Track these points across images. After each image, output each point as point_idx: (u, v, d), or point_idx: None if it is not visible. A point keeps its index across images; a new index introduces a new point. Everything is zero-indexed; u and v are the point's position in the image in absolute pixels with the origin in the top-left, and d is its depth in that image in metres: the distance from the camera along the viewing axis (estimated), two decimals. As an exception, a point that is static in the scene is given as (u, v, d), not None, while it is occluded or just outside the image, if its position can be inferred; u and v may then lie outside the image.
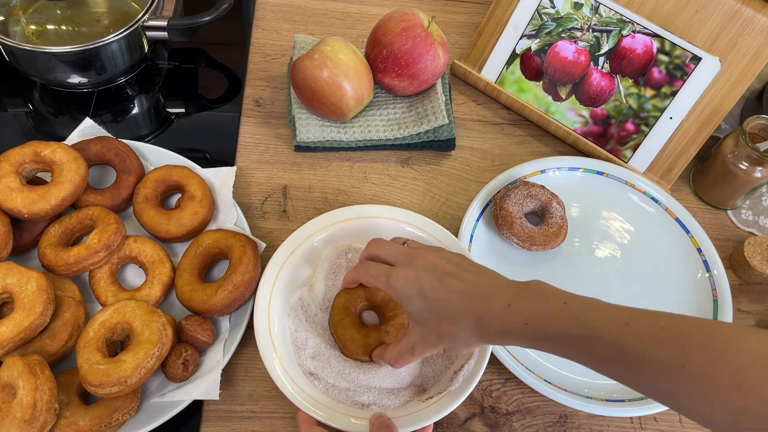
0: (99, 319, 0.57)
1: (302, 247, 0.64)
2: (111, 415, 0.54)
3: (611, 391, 0.63)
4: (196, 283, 0.62)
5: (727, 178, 0.74)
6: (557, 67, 0.78)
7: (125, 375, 0.53)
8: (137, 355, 0.54)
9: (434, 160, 0.79)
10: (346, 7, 0.92)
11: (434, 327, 0.51)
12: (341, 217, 0.66)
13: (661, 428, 0.64)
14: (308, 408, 0.55)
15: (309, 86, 0.72)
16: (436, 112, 0.76)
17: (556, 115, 0.80)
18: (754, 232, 0.78)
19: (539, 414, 0.63)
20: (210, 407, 0.61)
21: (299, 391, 0.56)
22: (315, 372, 0.58)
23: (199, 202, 0.67)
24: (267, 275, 0.61)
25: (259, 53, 0.86)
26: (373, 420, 0.54)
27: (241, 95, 0.82)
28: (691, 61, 0.72)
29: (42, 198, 0.62)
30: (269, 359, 0.57)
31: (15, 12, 0.77)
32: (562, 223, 0.70)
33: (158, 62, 0.85)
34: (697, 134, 0.75)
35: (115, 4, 0.80)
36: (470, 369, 0.58)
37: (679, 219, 0.74)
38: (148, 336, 0.55)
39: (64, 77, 0.76)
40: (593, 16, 0.75)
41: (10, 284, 0.57)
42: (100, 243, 0.61)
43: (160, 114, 0.81)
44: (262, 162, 0.76)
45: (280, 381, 0.56)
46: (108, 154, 0.68)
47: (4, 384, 0.53)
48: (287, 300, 0.62)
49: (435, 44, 0.74)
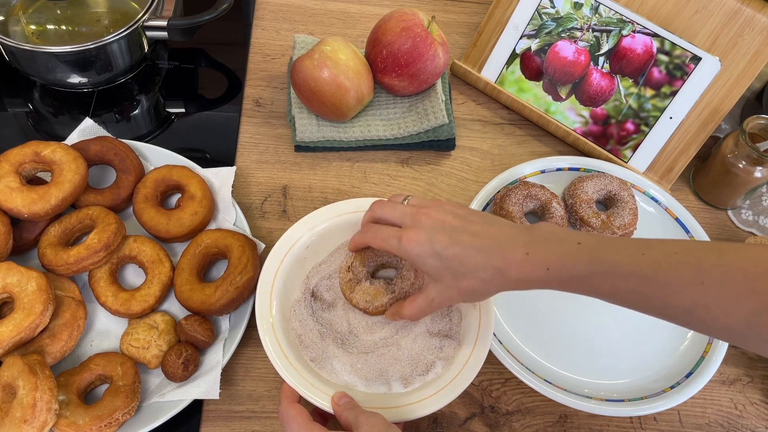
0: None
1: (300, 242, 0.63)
2: (111, 415, 0.54)
3: (611, 391, 0.63)
4: (195, 283, 0.62)
5: (727, 178, 0.74)
6: (557, 67, 0.78)
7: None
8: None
9: (434, 160, 0.79)
10: (346, 7, 0.92)
11: (452, 283, 0.52)
12: (341, 210, 0.65)
13: (661, 428, 0.64)
14: (293, 382, 0.54)
15: (309, 86, 0.72)
16: (436, 112, 0.76)
17: (556, 115, 0.80)
18: (754, 232, 0.78)
19: (539, 414, 0.63)
20: (210, 407, 0.61)
21: (288, 366, 0.55)
22: (318, 372, 0.57)
23: (199, 202, 0.67)
24: (266, 271, 0.60)
25: (259, 53, 0.86)
26: (336, 399, 0.53)
27: (241, 95, 0.82)
28: (691, 61, 0.72)
29: (42, 198, 0.62)
30: (269, 343, 0.56)
31: (15, 12, 0.77)
32: (562, 223, 0.70)
33: (158, 62, 0.85)
34: (697, 134, 0.75)
35: (115, 4, 0.80)
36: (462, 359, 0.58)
37: (679, 219, 0.74)
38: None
39: (64, 77, 0.76)
40: (593, 16, 0.75)
41: (10, 284, 0.57)
42: (100, 243, 0.61)
43: (160, 114, 0.81)
44: (262, 162, 0.76)
45: (271, 354, 0.55)
46: (108, 154, 0.68)
47: (4, 384, 0.53)
48: (287, 297, 0.61)
49: (435, 44, 0.74)
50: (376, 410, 0.52)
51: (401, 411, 0.54)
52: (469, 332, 0.59)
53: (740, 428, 0.64)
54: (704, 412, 0.65)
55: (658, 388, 0.63)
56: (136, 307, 0.61)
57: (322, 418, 0.55)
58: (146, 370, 0.61)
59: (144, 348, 0.59)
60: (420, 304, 0.55)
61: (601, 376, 0.64)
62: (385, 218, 0.56)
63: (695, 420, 0.64)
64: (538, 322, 0.66)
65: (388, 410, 0.54)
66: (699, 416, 0.65)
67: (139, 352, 0.59)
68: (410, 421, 0.57)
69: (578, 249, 0.48)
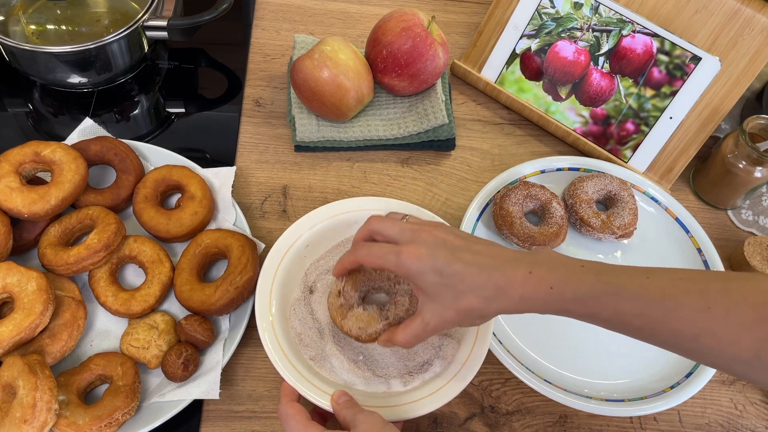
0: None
1: (300, 241, 0.63)
2: (111, 415, 0.54)
3: (611, 391, 0.63)
4: (194, 283, 0.62)
5: (727, 178, 0.74)
6: (557, 67, 0.78)
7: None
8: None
9: (434, 160, 0.79)
10: (346, 7, 0.92)
11: (451, 302, 0.50)
12: (340, 209, 0.65)
13: (661, 428, 0.64)
14: (292, 381, 0.54)
15: (309, 86, 0.72)
16: (436, 112, 0.76)
17: (556, 115, 0.80)
18: (754, 232, 0.78)
19: (539, 414, 0.63)
20: (210, 407, 0.61)
21: (287, 365, 0.55)
22: (318, 370, 0.57)
23: (199, 202, 0.67)
24: (266, 270, 0.60)
25: (259, 53, 0.86)
26: (336, 398, 0.53)
27: (241, 95, 0.82)
28: (691, 60, 0.72)
29: (42, 198, 0.62)
30: (268, 340, 0.56)
31: (15, 12, 0.77)
32: (562, 222, 0.70)
33: (158, 62, 0.85)
34: (697, 134, 0.75)
35: (115, 4, 0.80)
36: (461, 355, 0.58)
37: (679, 219, 0.74)
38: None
39: (64, 77, 0.76)
40: (593, 16, 0.75)
41: (10, 284, 0.57)
42: (100, 243, 0.61)
43: (160, 114, 0.81)
44: (262, 162, 0.76)
45: (270, 353, 0.55)
46: (108, 154, 0.68)
47: (4, 384, 0.53)
48: (287, 296, 0.61)
49: (435, 44, 0.74)
50: (376, 409, 0.52)
51: (400, 410, 0.54)
52: (469, 331, 0.59)
53: (740, 428, 0.64)
54: (704, 412, 0.65)
55: (658, 388, 0.63)
56: (136, 307, 0.61)
57: (321, 418, 0.55)
58: (146, 370, 0.61)
59: (144, 348, 0.59)
60: (415, 329, 0.52)
61: (601, 376, 0.64)
62: (384, 233, 0.54)
63: (695, 420, 0.64)
64: (538, 322, 0.66)
65: (388, 409, 0.54)
66: (699, 416, 0.65)
67: (139, 352, 0.59)
68: (410, 420, 0.57)
69: (582, 270, 0.47)
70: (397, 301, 0.57)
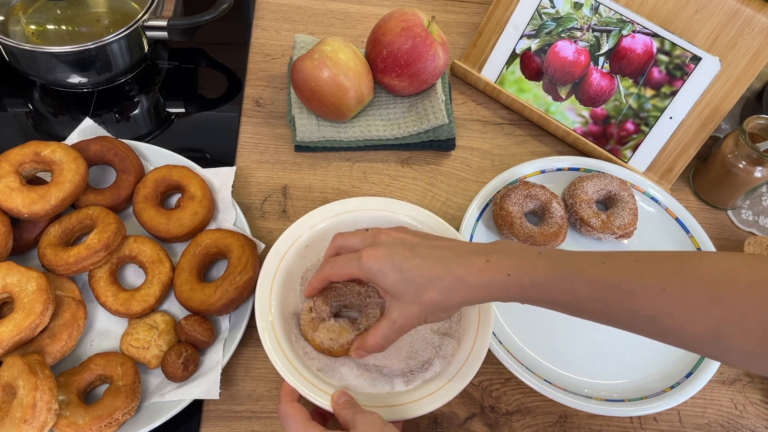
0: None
1: (300, 241, 0.63)
2: (111, 415, 0.54)
3: (611, 391, 0.63)
4: (194, 283, 0.62)
5: (726, 178, 0.74)
6: (557, 67, 0.78)
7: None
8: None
9: (434, 160, 0.79)
10: (346, 7, 0.92)
11: (413, 297, 0.50)
12: (340, 209, 0.65)
13: (661, 428, 0.64)
14: (292, 381, 0.54)
15: (309, 86, 0.72)
16: (436, 112, 0.76)
17: (556, 115, 0.80)
18: (754, 232, 0.78)
19: (539, 414, 0.63)
20: (210, 407, 0.61)
21: (287, 365, 0.55)
22: (327, 380, 0.57)
23: (199, 202, 0.67)
24: (266, 270, 0.60)
25: (259, 53, 0.86)
26: (336, 398, 0.53)
27: (241, 95, 0.82)
28: (691, 61, 0.72)
29: (42, 198, 0.62)
30: (269, 342, 0.56)
31: (15, 12, 0.77)
32: (562, 222, 0.70)
33: (158, 62, 0.85)
34: (697, 134, 0.75)
35: (115, 4, 0.80)
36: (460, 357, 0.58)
37: (679, 219, 0.74)
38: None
39: (64, 77, 0.76)
40: (593, 16, 0.75)
41: (10, 284, 0.57)
42: (100, 243, 0.61)
43: (160, 114, 0.81)
44: (262, 162, 0.76)
45: (270, 353, 0.55)
46: (108, 154, 0.68)
47: (4, 384, 0.53)
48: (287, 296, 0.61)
49: (435, 44, 0.74)
50: (376, 409, 0.52)
51: (400, 410, 0.54)
52: (469, 331, 0.59)
53: (740, 428, 0.64)
54: (704, 412, 0.65)
55: (658, 388, 0.63)
56: (136, 307, 0.61)
57: (321, 418, 0.55)
58: (146, 370, 0.61)
59: (144, 348, 0.59)
60: (383, 330, 0.53)
61: (601, 376, 0.64)
62: (347, 244, 0.56)
63: (695, 420, 0.64)
64: (537, 322, 0.66)
65: (388, 409, 0.54)
66: (699, 416, 0.65)
67: (139, 352, 0.59)
68: (410, 420, 0.57)
69: (539, 257, 0.48)
70: (368, 313, 0.59)
